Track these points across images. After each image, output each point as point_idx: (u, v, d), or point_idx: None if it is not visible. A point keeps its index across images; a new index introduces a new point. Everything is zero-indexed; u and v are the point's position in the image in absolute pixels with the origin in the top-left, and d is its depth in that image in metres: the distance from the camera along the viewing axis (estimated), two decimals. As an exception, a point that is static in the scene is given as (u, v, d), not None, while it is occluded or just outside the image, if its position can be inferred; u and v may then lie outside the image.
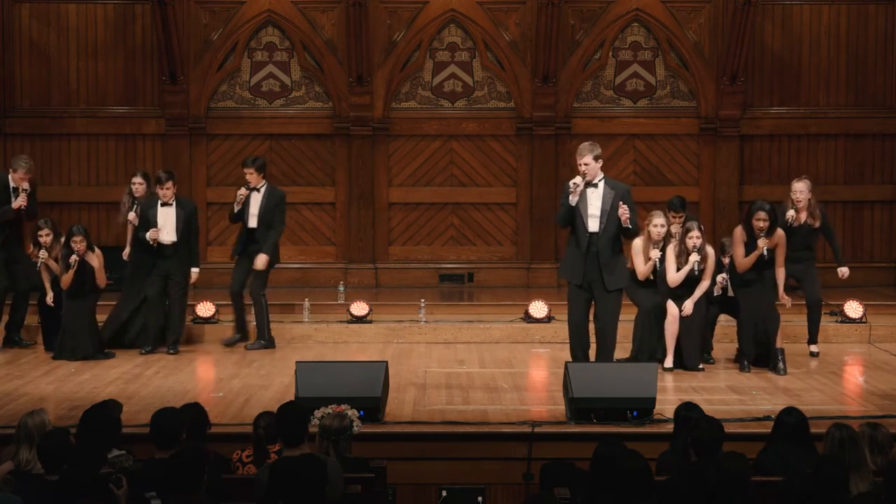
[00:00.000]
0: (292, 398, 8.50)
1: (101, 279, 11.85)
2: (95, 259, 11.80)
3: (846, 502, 5.69)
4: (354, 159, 15.63)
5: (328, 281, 15.26)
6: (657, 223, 11.26)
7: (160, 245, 12.03)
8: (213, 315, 12.95)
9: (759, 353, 11.11)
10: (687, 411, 7.35)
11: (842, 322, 12.86)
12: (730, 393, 10.13)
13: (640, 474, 5.71)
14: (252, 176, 12.29)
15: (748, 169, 15.76)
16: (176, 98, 15.47)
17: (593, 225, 10.13)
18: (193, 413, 7.24)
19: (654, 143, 15.75)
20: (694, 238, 10.96)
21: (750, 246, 10.89)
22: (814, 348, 11.89)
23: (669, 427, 7.77)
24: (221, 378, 10.88)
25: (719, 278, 11.28)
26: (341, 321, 12.98)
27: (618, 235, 10.21)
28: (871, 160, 15.88)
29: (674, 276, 11.02)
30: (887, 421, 8.09)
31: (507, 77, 15.69)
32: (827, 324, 12.76)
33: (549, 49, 15.24)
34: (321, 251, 15.83)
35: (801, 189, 11.61)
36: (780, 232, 11.02)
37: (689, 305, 10.99)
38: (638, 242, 11.31)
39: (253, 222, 12.28)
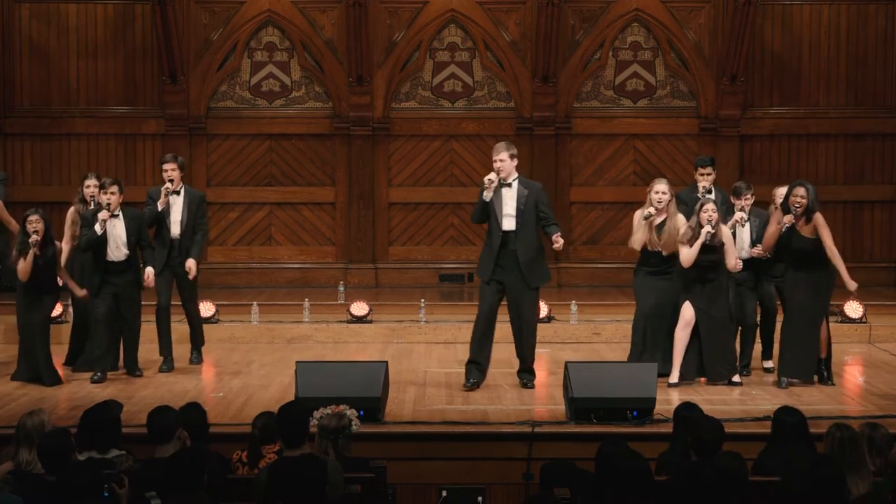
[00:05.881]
0: (292, 398, 8.50)
1: (62, 274, 10.55)
2: (60, 251, 10.56)
3: (844, 502, 5.68)
4: (354, 159, 15.63)
5: (328, 281, 15.27)
6: (658, 189, 10.39)
7: (109, 261, 10.48)
8: (214, 315, 12.94)
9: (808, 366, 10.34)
10: (687, 411, 7.35)
11: (842, 322, 12.83)
12: (730, 393, 10.11)
13: (641, 474, 5.70)
14: (175, 173, 10.80)
15: (748, 169, 15.73)
16: (176, 98, 15.47)
17: (508, 224, 10.13)
18: (194, 413, 7.24)
19: (654, 143, 15.75)
20: (709, 212, 10.06)
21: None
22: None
23: (669, 427, 7.76)
24: (221, 378, 10.88)
25: (758, 248, 10.42)
26: (341, 321, 12.96)
27: (537, 234, 10.20)
28: (871, 160, 15.87)
29: (686, 255, 10.07)
30: (887, 421, 8.08)
31: (507, 77, 15.69)
32: (827, 324, 12.78)
33: (549, 49, 15.24)
34: (321, 251, 15.83)
35: (782, 193, 10.57)
36: (818, 217, 10.09)
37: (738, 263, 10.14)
38: (637, 213, 10.53)
39: (176, 230, 10.87)
